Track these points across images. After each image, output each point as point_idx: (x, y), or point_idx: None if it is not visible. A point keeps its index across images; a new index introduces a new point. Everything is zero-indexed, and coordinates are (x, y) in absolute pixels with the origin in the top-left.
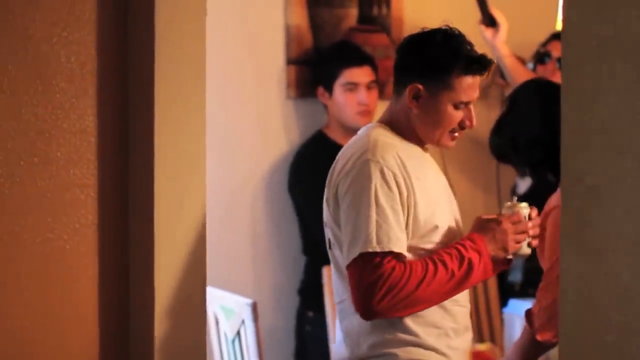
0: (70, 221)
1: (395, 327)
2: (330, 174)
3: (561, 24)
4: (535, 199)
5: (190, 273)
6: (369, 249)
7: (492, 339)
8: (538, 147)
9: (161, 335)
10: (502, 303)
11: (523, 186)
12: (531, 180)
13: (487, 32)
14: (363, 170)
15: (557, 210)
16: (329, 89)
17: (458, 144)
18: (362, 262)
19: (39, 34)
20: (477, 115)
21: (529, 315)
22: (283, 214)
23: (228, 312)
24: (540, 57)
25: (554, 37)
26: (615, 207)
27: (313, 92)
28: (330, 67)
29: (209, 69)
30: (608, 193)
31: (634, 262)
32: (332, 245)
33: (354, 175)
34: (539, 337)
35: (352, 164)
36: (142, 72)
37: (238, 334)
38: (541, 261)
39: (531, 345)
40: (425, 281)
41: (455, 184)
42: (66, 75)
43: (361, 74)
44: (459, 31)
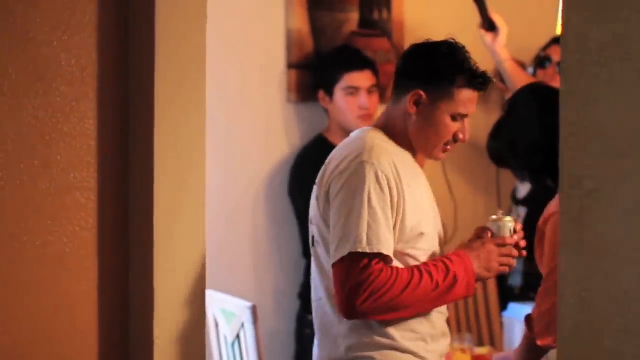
0: (70, 224)
1: (372, 330)
2: (322, 173)
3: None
4: (535, 203)
5: (190, 276)
6: (359, 249)
7: (492, 343)
8: (537, 152)
9: (161, 338)
10: (502, 307)
11: (523, 191)
12: (531, 184)
13: (487, 37)
14: (358, 171)
15: (556, 217)
16: (330, 93)
17: (458, 149)
18: (350, 262)
19: (39, 37)
20: (477, 119)
21: (529, 320)
22: (284, 218)
23: (228, 315)
24: (540, 61)
25: (554, 41)
26: (613, 211)
27: (314, 96)
28: (331, 71)
29: (210, 72)
30: (606, 197)
31: (632, 265)
32: (315, 243)
33: (348, 176)
34: (540, 342)
35: (347, 165)
36: (142, 76)
37: (238, 337)
38: (540, 266)
39: (531, 350)
40: (409, 288)
41: (456, 188)
42: (67, 79)
43: (362, 78)
44: (463, 46)
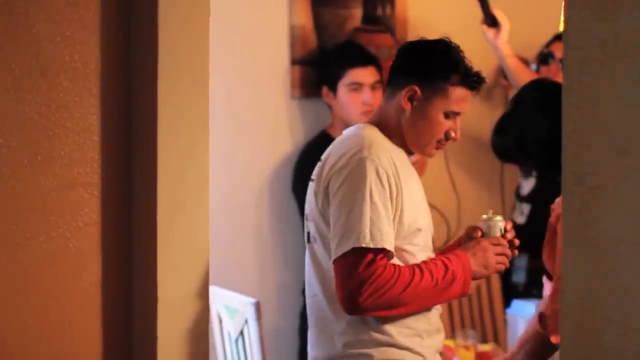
0: (73, 220)
1: (369, 327)
2: (319, 169)
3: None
4: (539, 199)
5: (193, 272)
6: (362, 244)
7: (496, 340)
8: (545, 148)
9: (164, 334)
10: (506, 304)
11: (527, 187)
12: (535, 181)
13: (489, 32)
14: (358, 167)
15: None
16: (334, 89)
17: (462, 145)
18: (354, 257)
19: (43, 33)
20: (481, 115)
21: (542, 318)
22: (287, 214)
23: (232, 312)
24: (543, 58)
25: (557, 38)
26: (615, 208)
27: (317, 92)
28: (334, 67)
29: (214, 69)
30: (609, 193)
31: (634, 262)
32: (311, 239)
33: (349, 172)
34: (554, 340)
35: (347, 161)
36: (145, 71)
37: (241, 333)
38: (547, 263)
39: (543, 347)
40: (411, 285)
41: (459, 184)
42: (70, 74)
43: (365, 74)
44: (458, 45)
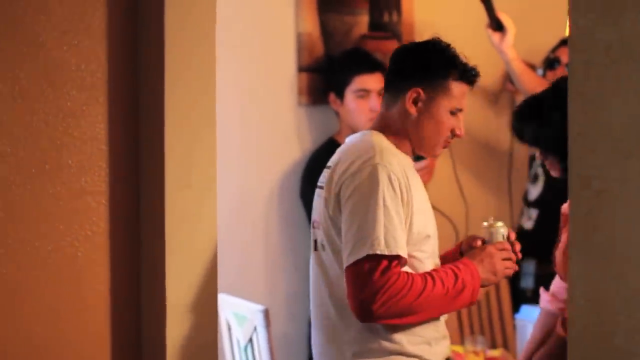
0: (81, 228)
1: (379, 336)
2: (328, 176)
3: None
4: (547, 204)
5: (202, 280)
6: (377, 251)
7: (505, 345)
8: None
9: (173, 342)
10: (514, 309)
11: (534, 192)
12: (543, 186)
13: (495, 36)
14: (371, 173)
15: None
16: (341, 95)
17: (469, 150)
18: (369, 264)
19: (50, 42)
20: (488, 120)
21: (564, 322)
22: (295, 221)
23: (240, 319)
24: (549, 62)
25: (563, 43)
26: (622, 211)
27: (324, 99)
28: (341, 74)
29: (221, 76)
30: (616, 197)
31: None
32: (319, 247)
33: (362, 178)
34: None
35: (359, 167)
36: (152, 80)
37: (250, 340)
38: (558, 267)
39: (562, 349)
40: (424, 293)
41: (467, 189)
42: (77, 83)
43: (372, 81)
44: (449, 43)
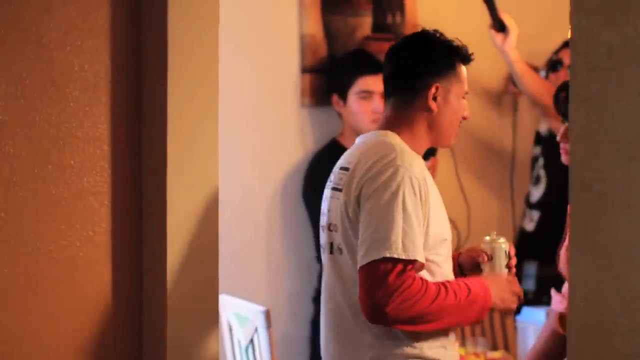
0: (83, 229)
1: (399, 341)
2: (347, 177)
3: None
4: (548, 206)
5: (203, 280)
6: (395, 254)
7: (506, 347)
8: None
9: (174, 342)
10: (516, 311)
11: (536, 194)
12: (544, 188)
13: (497, 37)
14: (393, 175)
15: None
16: (344, 97)
17: (471, 152)
18: (385, 266)
19: (53, 43)
20: (491, 122)
21: (562, 319)
22: (297, 222)
23: (242, 320)
24: (552, 64)
25: (565, 45)
26: (624, 214)
27: (327, 100)
28: (344, 75)
29: (224, 76)
30: (617, 199)
31: None
32: (335, 250)
33: (383, 179)
34: None
35: (380, 168)
36: (155, 81)
37: (251, 341)
38: (565, 268)
39: (561, 348)
40: (437, 300)
41: (469, 192)
42: (80, 84)
43: (376, 82)
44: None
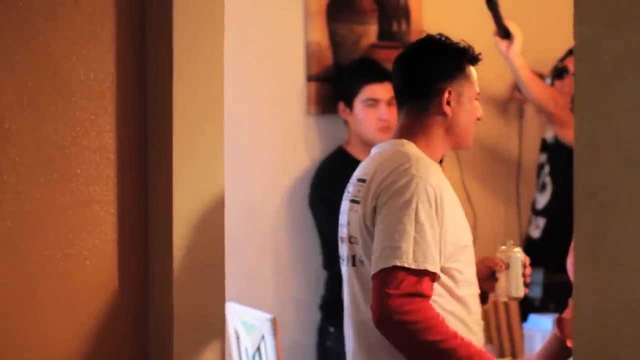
0: (90, 237)
1: None
2: (364, 189)
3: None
4: (554, 213)
5: (210, 288)
6: (405, 263)
7: (513, 354)
8: None
9: (181, 351)
10: (522, 318)
11: (542, 200)
12: (550, 194)
13: (502, 44)
14: (408, 184)
15: None
16: (350, 105)
17: (477, 158)
18: (395, 274)
19: (59, 51)
20: (496, 129)
21: (560, 321)
22: (304, 230)
23: (248, 327)
24: (558, 72)
25: (571, 52)
26: (628, 222)
27: (333, 108)
28: (350, 83)
29: (230, 85)
30: (621, 208)
31: None
32: (357, 262)
33: (398, 188)
34: (570, 344)
35: (395, 177)
36: (160, 89)
37: (258, 349)
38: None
39: (558, 352)
40: (441, 341)
41: (475, 198)
42: (86, 92)
43: (382, 90)
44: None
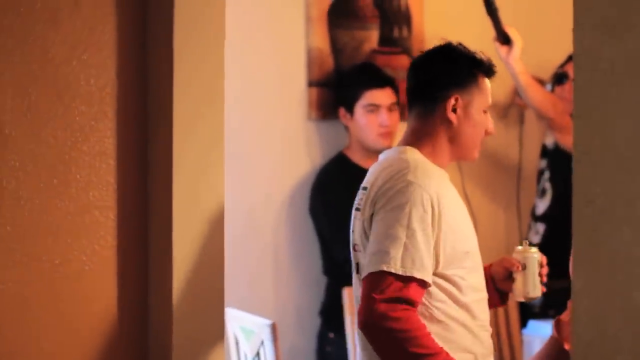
0: (89, 243)
1: None
2: (364, 197)
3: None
4: (554, 219)
5: (209, 294)
6: (392, 269)
7: None
8: None
9: (180, 356)
10: (522, 324)
11: (542, 206)
12: (550, 200)
13: (502, 50)
14: (403, 190)
15: None
16: (351, 110)
17: (478, 164)
18: (383, 279)
19: (59, 57)
20: (497, 134)
21: (558, 323)
22: (304, 235)
23: (248, 333)
24: (558, 78)
25: (571, 58)
26: (626, 229)
27: (334, 113)
28: (351, 88)
29: (231, 91)
30: (619, 214)
31: None
32: (360, 269)
33: (393, 194)
34: (567, 346)
35: (392, 183)
36: (161, 95)
37: (257, 354)
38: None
39: (555, 354)
40: (423, 355)
41: (475, 204)
42: (86, 98)
43: (382, 96)
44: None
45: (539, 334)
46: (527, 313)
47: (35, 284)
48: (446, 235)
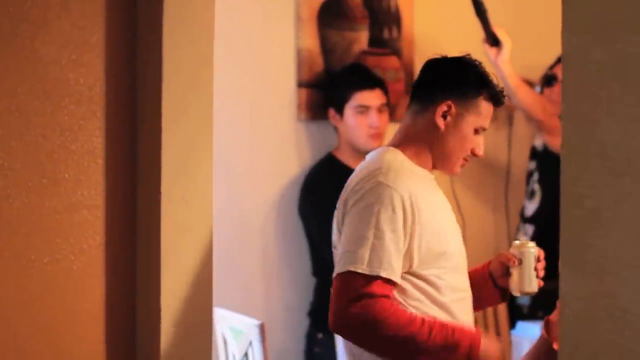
0: (77, 242)
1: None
2: (341, 197)
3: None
4: (543, 221)
5: (197, 294)
6: (359, 269)
7: None
8: None
9: (168, 356)
10: (511, 325)
11: (531, 208)
12: (539, 202)
13: (491, 52)
14: (373, 190)
15: None
16: (340, 111)
17: (467, 166)
18: (349, 279)
19: (48, 57)
20: (486, 137)
21: (547, 324)
22: (293, 236)
23: (236, 333)
24: (547, 79)
25: (560, 60)
26: (614, 230)
27: (324, 114)
28: (341, 89)
29: (220, 91)
30: (607, 216)
31: (632, 284)
32: None
33: (363, 194)
34: (556, 346)
35: (363, 184)
36: (150, 95)
37: (246, 355)
38: None
39: (546, 354)
40: (401, 329)
41: (464, 205)
42: (75, 97)
43: (372, 97)
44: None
45: (528, 335)
46: (516, 314)
47: (23, 282)
48: (421, 236)
